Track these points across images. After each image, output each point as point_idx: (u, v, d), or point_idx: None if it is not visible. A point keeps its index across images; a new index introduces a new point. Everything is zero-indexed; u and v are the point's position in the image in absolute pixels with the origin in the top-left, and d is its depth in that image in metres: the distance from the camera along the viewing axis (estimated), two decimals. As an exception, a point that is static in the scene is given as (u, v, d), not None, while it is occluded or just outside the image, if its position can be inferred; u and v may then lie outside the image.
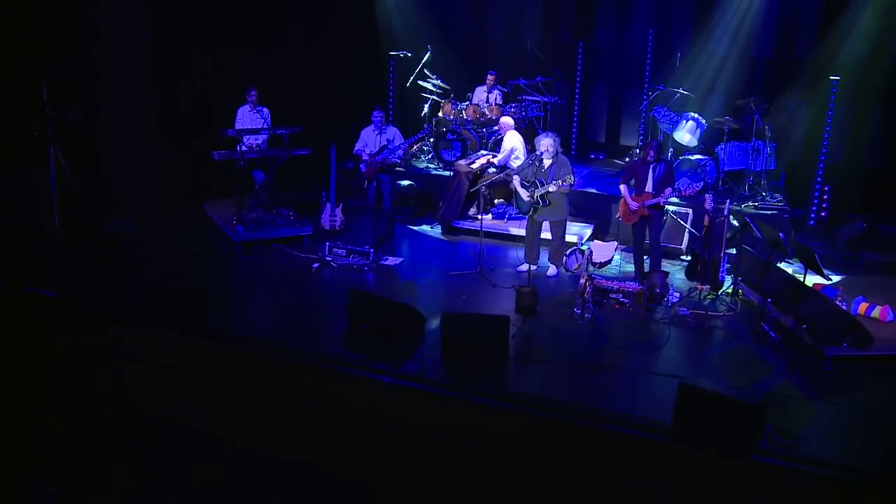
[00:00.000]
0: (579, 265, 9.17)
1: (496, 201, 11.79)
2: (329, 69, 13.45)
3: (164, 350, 7.95)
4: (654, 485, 6.20)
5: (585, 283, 8.27)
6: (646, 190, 9.22)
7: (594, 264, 8.81)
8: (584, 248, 9.76)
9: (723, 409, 6.14)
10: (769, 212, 10.93)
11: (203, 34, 11.76)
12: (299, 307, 8.89)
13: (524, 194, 9.50)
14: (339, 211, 11.04)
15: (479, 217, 10.42)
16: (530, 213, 9.51)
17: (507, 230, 11.18)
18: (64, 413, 7.83)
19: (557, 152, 9.42)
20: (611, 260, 9.26)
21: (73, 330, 8.22)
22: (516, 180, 9.64)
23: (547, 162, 9.38)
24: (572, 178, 9.12)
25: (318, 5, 13.36)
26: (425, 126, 12.30)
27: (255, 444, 7.45)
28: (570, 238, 10.19)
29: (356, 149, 10.54)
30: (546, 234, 9.90)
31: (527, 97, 12.97)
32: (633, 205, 9.27)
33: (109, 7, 10.80)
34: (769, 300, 8.38)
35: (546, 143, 9.37)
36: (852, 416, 6.82)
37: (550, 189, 9.16)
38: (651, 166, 9.20)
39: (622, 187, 9.43)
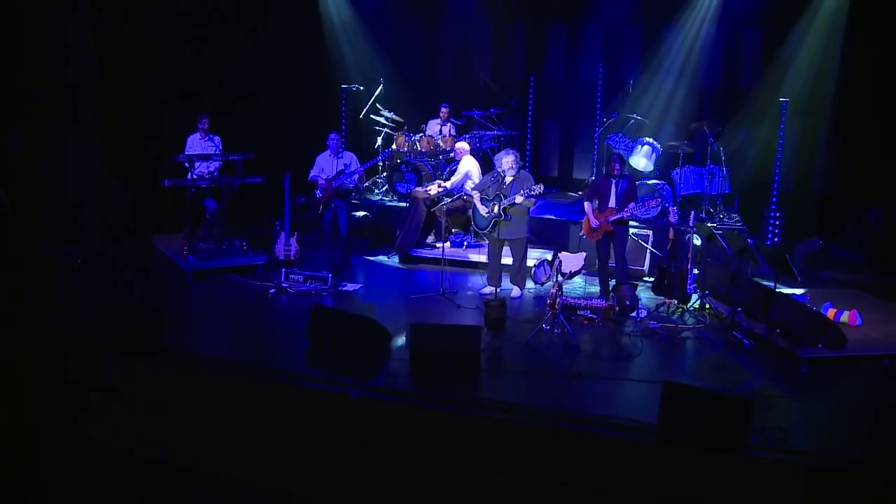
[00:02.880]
0: (548, 277, 8.99)
1: (453, 230, 11.59)
2: (281, 102, 13.27)
3: (115, 374, 7.41)
4: (641, 485, 5.91)
5: (556, 293, 8.06)
6: (609, 205, 9.13)
7: (563, 274, 8.61)
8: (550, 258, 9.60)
9: (710, 405, 5.95)
10: (728, 232, 10.96)
11: (150, 62, 11.47)
12: (257, 331, 8.45)
13: (483, 210, 9.33)
14: (293, 240, 10.66)
15: (439, 245, 10.19)
16: (489, 230, 9.33)
17: (467, 257, 10.97)
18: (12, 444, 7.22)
19: (519, 168, 9.32)
20: (580, 269, 9.09)
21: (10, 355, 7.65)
22: (476, 196, 9.48)
23: (509, 179, 9.25)
24: (540, 188, 8.98)
25: (270, 37, 13.22)
26: (384, 150, 12.06)
27: (220, 470, 6.95)
28: (530, 263, 9.99)
29: (312, 174, 10.27)
30: (507, 259, 9.74)
31: (481, 130, 12.93)
32: (594, 221, 9.16)
33: (53, 34, 10.42)
34: (739, 309, 8.28)
35: (508, 160, 9.25)
36: (836, 413, 6.70)
37: (517, 200, 8.98)
38: (614, 182, 9.13)
39: (586, 204, 9.33)
